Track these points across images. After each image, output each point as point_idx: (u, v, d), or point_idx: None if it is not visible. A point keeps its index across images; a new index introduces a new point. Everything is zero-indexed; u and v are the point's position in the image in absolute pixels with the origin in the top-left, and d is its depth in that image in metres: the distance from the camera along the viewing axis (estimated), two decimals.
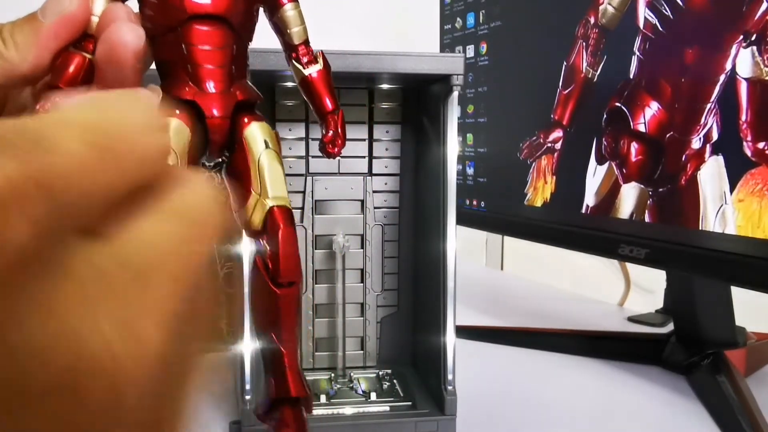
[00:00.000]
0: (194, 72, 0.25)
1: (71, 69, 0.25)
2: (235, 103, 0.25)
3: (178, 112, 0.24)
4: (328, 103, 0.28)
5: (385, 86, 0.53)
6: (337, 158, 0.54)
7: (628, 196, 0.60)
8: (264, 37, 0.29)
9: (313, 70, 0.27)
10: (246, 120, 0.26)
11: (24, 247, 0.12)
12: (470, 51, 0.82)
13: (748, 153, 0.49)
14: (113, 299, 0.13)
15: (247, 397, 0.44)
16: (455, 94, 0.46)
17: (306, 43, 0.27)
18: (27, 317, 0.12)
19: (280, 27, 0.27)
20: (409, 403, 0.50)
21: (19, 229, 0.12)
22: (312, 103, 0.28)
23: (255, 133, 0.25)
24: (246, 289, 0.42)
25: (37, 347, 0.12)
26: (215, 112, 0.25)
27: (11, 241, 0.11)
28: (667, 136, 0.56)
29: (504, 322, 0.82)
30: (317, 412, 0.48)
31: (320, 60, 0.28)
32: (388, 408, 0.49)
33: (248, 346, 0.44)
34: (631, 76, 0.59)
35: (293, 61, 0.28)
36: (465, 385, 0.49)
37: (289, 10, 0.26)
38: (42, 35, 0.23)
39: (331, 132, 0.28)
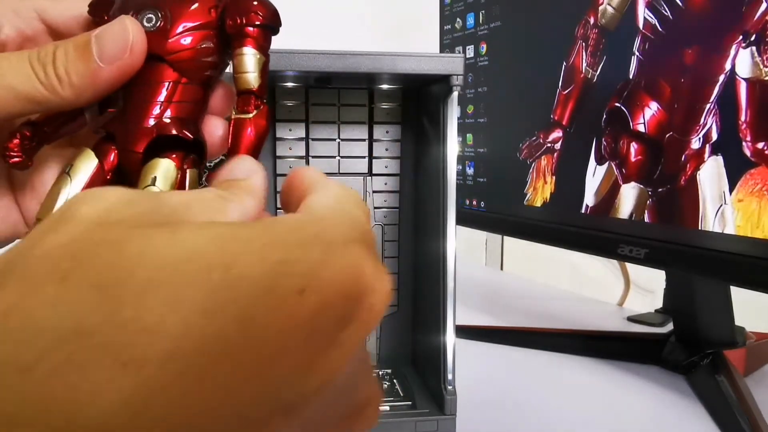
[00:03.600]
0: (123, 106, 0.25)
1: (59, 120, 0.26)
2: (153, 138, 0.24)
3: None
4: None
5: (385, 86, 0.53)
6: (337, 158, 0.54)
7: (628, 196, 0.61)
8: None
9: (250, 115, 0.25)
10: (155, 156, 0.25)
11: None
12: (470, 51, 0.82)
13: (748, 153, 0.49)
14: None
15: None
16: (455, 94, 0.46)
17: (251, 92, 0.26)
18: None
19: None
20: (409, 402, 0.50)
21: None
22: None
23: (148, 168, 0.24)
24: None
25: None
26: (128, 146, 0.24)
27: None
28: (667, 136, 0.56)
29: (504, 322, 0.82)
30: None
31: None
32: (388, 408, 0.49)
33: None
34: (631, 77, 0.59)
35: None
36: (465, 385, 0.49)
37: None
38: (100, 81, 0.23)
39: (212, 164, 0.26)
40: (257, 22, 0.24)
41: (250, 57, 0.25)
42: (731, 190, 0.50)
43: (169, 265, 0.14)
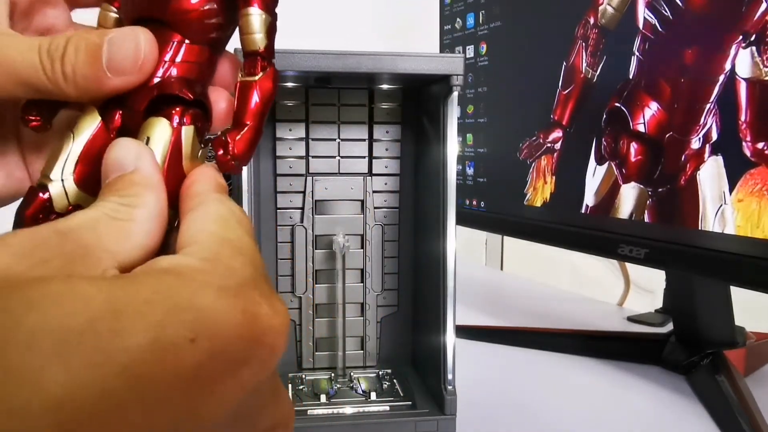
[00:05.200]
0: None
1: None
2: (154, 97, 0.24)
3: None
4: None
5: (385, 86, 0.53)
6: (337, 158, 0.54)
7: (628, 196, 0.61)
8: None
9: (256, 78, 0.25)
10: (153, 115, 0.24)
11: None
12: (470, 51, 0.82)
13: (748, 153, 0.49)
14: None
15: None
16: (455, 94, 0.46)
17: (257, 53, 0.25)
18: None
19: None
20: (409, 402, 0.50)
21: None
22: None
23: (143, 127, 0.24)
24: None
25: None
26: (130, 105, 0.24)
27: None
28: (667, 136, 0.56)
29: (504, 322, 0.82)
30: (317, 412, 0.48)
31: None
32: (388, 408, 0.49)
33: None
34: (631, 77, 0.59)
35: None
36: (465, 385, 0.49)
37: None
38: (104, 88, 0.23)
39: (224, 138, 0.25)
40: None
41: (255, 17, 0.24)
42: (731, 190, 0.50)
43: (57, 316, 0.15)
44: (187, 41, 0.24)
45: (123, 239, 0.19)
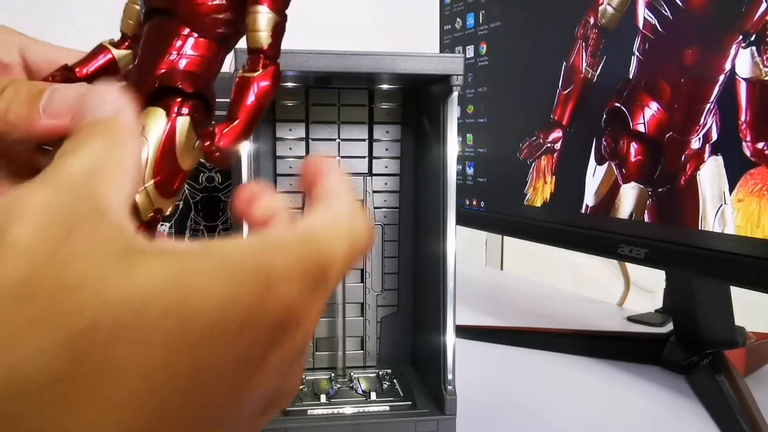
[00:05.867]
0: (137, 58, 0.25)
1: (94, 66, 0.26)
2: (156, 88, 0.24)
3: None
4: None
5: (385, 86, 0.53)
6: (337, 158, 0.54)
7: (628, 196, 0.61)
8: None
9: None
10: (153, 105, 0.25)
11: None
12: (470, 51, 0.82)
13: (748, 153, 0.49)
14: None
15: None
16: (455, 94, 0.46)
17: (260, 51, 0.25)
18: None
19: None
20: (409, 402, 0.50)
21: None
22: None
23: (141, 116, 0.24)
24: None
25: None
26: (136, 95, 0.24)
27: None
28: (667, 136, 0.56)
29: (504, 322, 0.82)
30: (317, 411, 0.48)
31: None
32: (388, 408, 0.49)
33: None
34: (631, 77, 0.59)
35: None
36: (465, 385, 0.49)
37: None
38: (34, 129, 0.23)
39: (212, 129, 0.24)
40: None
41: (262, 15, 0.24)
42: (731, 190, 0.50)
43: (129, 313, 0.15)
44: (195, 35, 0.25)
45: (115, 188, 0.20)
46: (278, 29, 0.24)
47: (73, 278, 0.15)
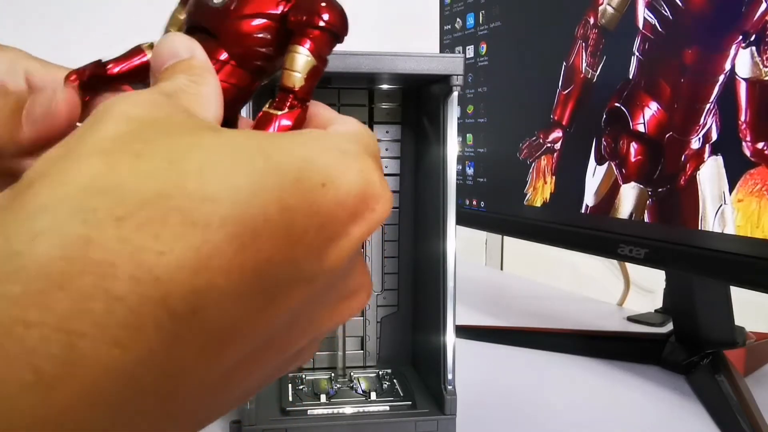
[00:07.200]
0: None
1: (128, 66, 0.26)
2: None
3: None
4: None
5: (385, 86, 0.53)
6: None
7: (628, 196, 0.61)
8: None
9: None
10: None
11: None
12: (470, 51, 0.82)
13: (748, 153, 0.49)
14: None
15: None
16: (455, 94, 0.46)
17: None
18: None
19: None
20: (409, 402, 0.50)
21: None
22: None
23: None
24: None
25: None
26: None
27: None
28: (667, 136, 0.56)
29: (504, 322, 0.82)
30: (317, 411, 0.48)
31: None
32: (388, 408, 0.49)
33: None
34: (631, 77, 0.59)
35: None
36: (465, 385, 0.49)
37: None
38: (20, 139, 0.25)
39: None
40: (319, 24, 0.24)
41: (301, 57, 0.24)
42: (731, 190, 0.50)
43: (220, 152, 0.17)
44: (233, 63, 0.24)
45: (201, 108, 0.21)
46: (314, 73, 0.24)
47: (168, 129, 0.18)
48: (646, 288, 1.08)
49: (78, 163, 0.16)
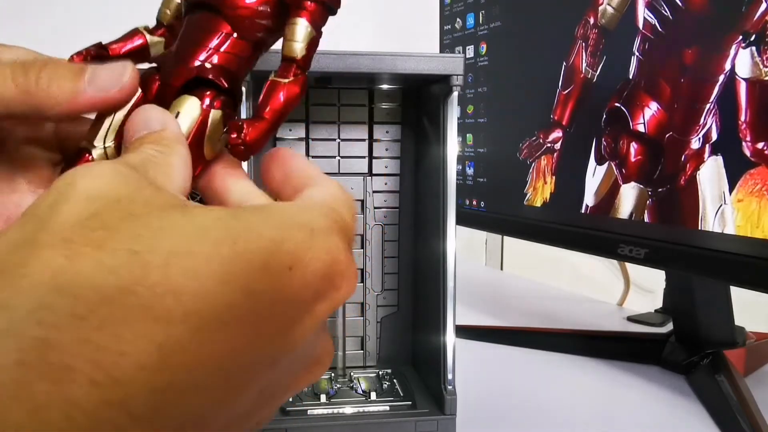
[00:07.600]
0: (176, 47, 0.27)
1: (127, 47, 0.28)
2: (191, 77, 0.26)
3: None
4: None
5: (385, 86, 0.53)
6: (337, 158, 0.54)
7: (628, 196, 0.61)
8: None
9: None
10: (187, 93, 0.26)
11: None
12: (470, 51, 0.82)
13: (748, 153, 0.49)
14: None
15: None
16: (455, 94, 0.46)
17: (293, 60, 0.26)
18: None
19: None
20: (409, 402, 0.50)
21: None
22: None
23: (176, 102, 0.25)
24: None
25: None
26: (168, 80, 0.26)
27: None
28: (667, 136, 0.56)
29: (504, 322, 0.82)
30: (317, 411, 0.48)
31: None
32: (388, 408, 0.49)
33: None
34: (631, 77, 0.59)
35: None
36: (465, 385, 0.49)
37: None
38: (79, 99, 0.24)
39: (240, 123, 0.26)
40: None
41: (301, 28, 0.25)
42: (731, 190, 0.50)
43: (186, 240, 0.17)
44: (235, 35, 0.26)
45: (168, 180, 0.21)
46: (313, 43, 0.26)
47: (135, 211, 0.18)
48: (646, 288, 1.08)
49: (39, 255, 0.16)
